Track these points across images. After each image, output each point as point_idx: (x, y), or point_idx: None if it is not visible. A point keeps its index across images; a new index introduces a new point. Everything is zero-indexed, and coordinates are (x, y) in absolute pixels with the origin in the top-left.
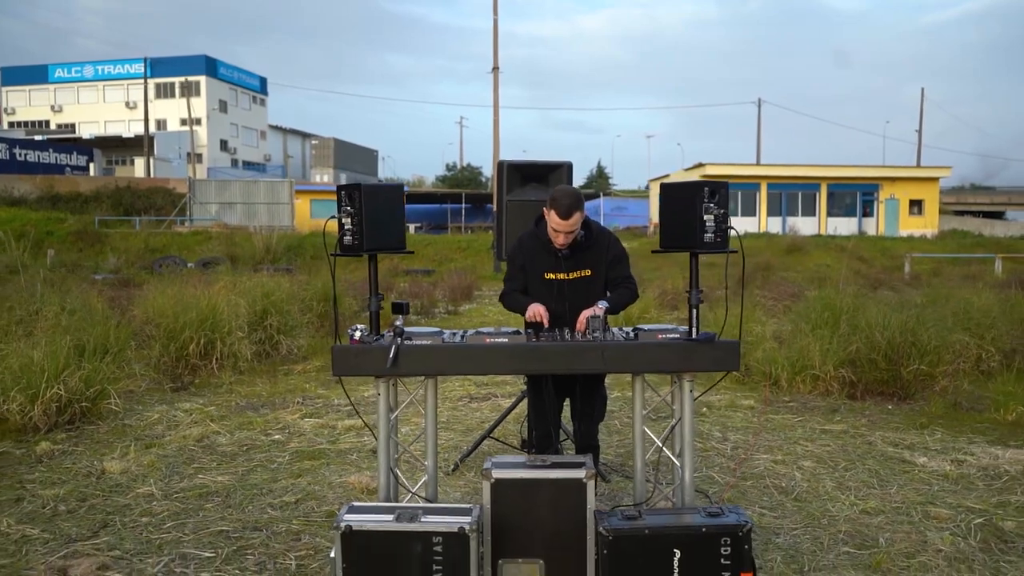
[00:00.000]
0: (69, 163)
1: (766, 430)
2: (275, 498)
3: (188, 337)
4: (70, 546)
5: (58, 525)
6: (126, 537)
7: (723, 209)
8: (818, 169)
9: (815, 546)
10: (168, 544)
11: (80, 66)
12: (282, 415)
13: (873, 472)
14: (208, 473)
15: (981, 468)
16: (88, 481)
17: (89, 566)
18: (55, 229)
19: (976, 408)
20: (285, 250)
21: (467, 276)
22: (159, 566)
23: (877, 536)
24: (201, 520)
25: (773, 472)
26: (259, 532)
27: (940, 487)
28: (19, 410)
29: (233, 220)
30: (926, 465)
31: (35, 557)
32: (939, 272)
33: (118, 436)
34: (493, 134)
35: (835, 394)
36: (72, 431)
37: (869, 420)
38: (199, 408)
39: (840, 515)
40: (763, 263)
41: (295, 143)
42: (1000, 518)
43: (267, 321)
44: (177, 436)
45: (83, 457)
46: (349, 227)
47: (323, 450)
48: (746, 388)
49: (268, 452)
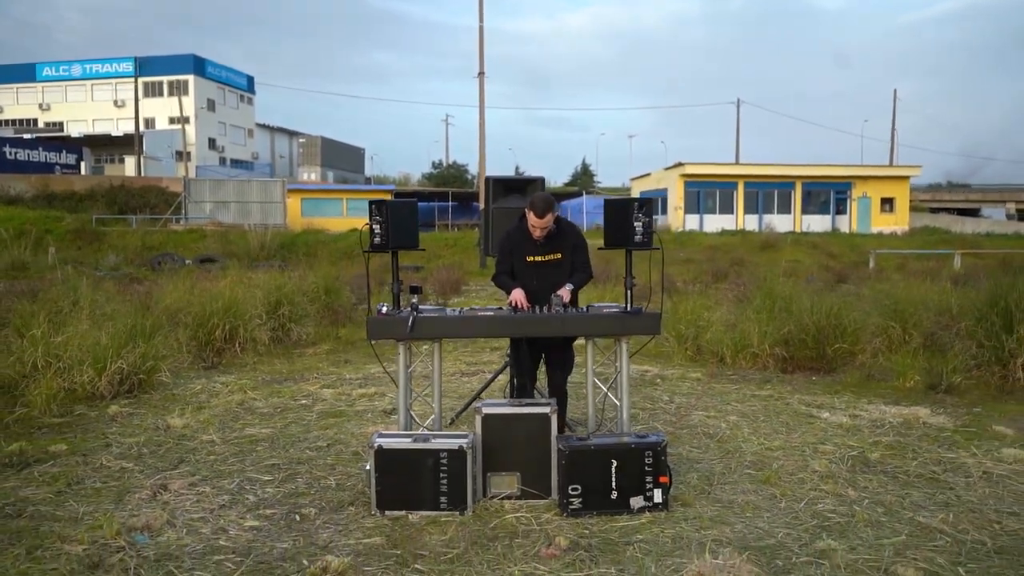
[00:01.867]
0: (59, 162)
1: (707, 395)
2: (310, 444)
3: (215, 324)
4: (160, 474)
5: (145, 461)
6: (201, 468)
7: (649, 218)
8: (793, 168)
9: (725, 469)
10: (234, 472)
11: (68, 64)
12: (304, 386)
13: (784, 423)
14: (253, 427)
15: (871, 420)
16: (158, 433)
17: (182, 483)
18: (53, 227)
19: (885, 378)
20: (278, 247)
21: (455, 271)
22: (233, 484)
23: (772, 463)
24: (255, 457)
25: (704, 423)
26: (302, 465)
27: (833, 433)
28: (88, 381)
29: (227, 218)
30: (828, 419)
31: (136, 480)
32: (903, 267)
33: (171, 401)
34: (479, 137)
35: (770, 368)
36: (131, 399)
37: (793, 388)
38: (233, 381)
39: (749, 451)
40: (737, 259)
41: (282, 141)
42: (870, 451)
43: (280, 310)
44: (221, 401)
45: (148, 416)
46: (378, 231)
47: (343, 411)
48: (696, 364)
49: (298, 413)
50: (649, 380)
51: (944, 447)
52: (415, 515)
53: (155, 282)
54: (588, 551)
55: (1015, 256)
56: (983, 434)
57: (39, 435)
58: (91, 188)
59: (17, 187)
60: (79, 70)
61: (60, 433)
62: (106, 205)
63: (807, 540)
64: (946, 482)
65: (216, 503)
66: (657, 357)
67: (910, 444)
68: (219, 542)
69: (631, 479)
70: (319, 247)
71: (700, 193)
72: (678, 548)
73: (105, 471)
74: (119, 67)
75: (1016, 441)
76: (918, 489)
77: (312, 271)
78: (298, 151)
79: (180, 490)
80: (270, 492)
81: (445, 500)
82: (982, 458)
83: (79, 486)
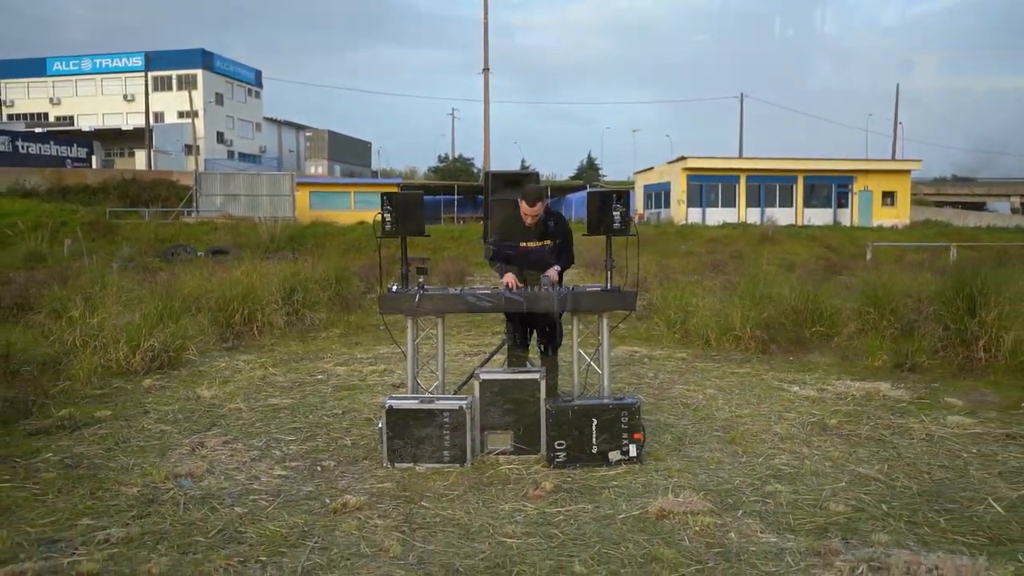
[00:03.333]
0: (69, 155)
1: (689, 372)
2: (327, 412)
3: (234, 308)
4: (195, 434)
5: (181, 425)
6: (231, 430)
7: (626, 208)
8: (795, 162)
9: (696, 431)
10: (261, 433)
11: (78, 59)
12: (319, 364)
13: (756, 395)
14: (275, 397)
15: (836, 394)
16: (190, 402)
17: (217, 441)
18: (68, 220)
19: (857, 359)
20: (288, 239)
21: (460, 263)
22: (261, 443)
23: (739, 427)
24: (279, 422)
25: (684, 395)
26: (321, 428)
27: (799, 404)
28: (123, 358)
29: (237, 211)
30: (796, 392)
31: (175, 439)
32: (901, 259)
33: (199, 376)
34: (484, 133)
35: (751, 350)
36: (162, 373)
37: (770, 366)
38: (254, 359)
39: (720, 417)
40: (736, 251)
41: (289, 135)
42: (829, 418)
43: (294, 297)
44: (244, 376)
45: (179, 389)
46: (388, 219)
47: (356, 385)
48: (683, 346)
49: (315, 386)
50: (637, 360)
51: (896, 415)
52: (421, 467)
53: (171, 272)
54: (569, 493)
55: (1011, 249)
56: (934, 405)
57: (83, 403)
58: (104, 181)
59: (32, 180)
60: (89, 64)
61: (102, 403)
62: (118, 198)
63: (759, 485)
64: (891, 443)
65: (247, 457)
66: (647, 340)
67: (866, 412)
68: (252, 486)
69: (609, 435)
70: (328, 239)
71: (703, 186)
72: (647, 491)
73: (147, 432)
74: (128, 61)
75: (963, 411)
76: (865, 448)
77: (322, 261)
78: (305, 145)
79: (215, 447)
80: (294, 449)
81: (447, 454)
82: (928, 424)
83: (125, 444)
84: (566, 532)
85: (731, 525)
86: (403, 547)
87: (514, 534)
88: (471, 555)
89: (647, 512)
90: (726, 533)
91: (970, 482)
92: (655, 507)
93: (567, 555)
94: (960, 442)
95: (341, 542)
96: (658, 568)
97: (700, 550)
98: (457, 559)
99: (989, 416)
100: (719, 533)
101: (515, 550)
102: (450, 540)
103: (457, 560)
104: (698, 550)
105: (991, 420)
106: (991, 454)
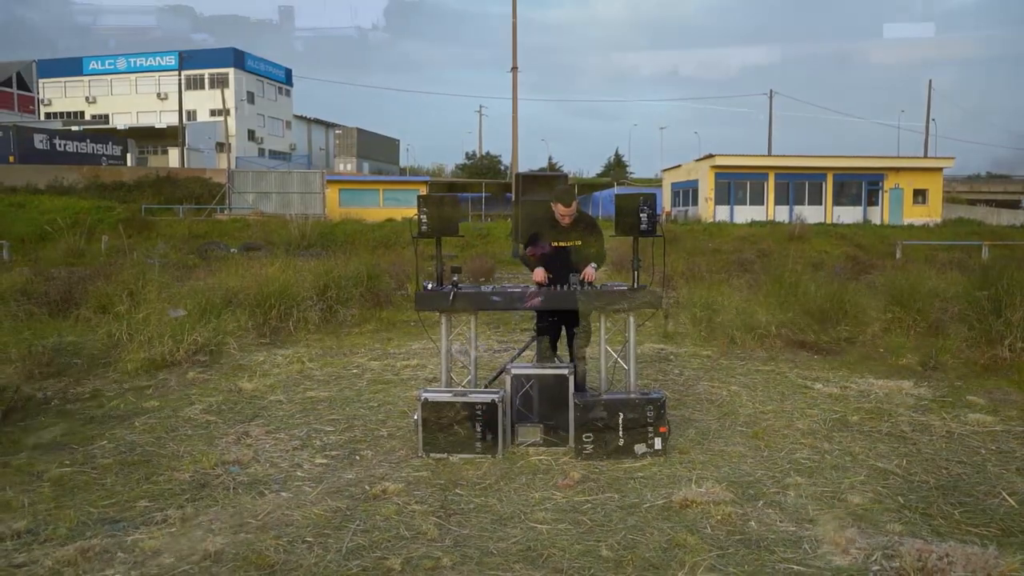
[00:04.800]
0: (105, 153)
1: (713, 369)
2: (363, 404)
3: (271, 305)
4: (240, 424)
5: (225, 415)
6: (273, 421)
7: (652, 210)
8: (824, 160)
9: (720, 427)
10: (302, 424)
11: (113, 59)
12: (353, 359)
13: (779, 392)
14: (313, 390)
15: (859, 391)
16: (232, 394)
17: (260, 431)
18: (105, 217)
19: (882, 358)
20: (318, 236)
21: (487, 260)
22: (302, 433)
23: (763, 423)
24: (318, 414)
25: (708, 391)
26: (358, 420)
27: (822, 401)
28: (168, 351)
29: (269, 208)
30: (820, 390)
31: (220, 429)
32: (932, 258)
33: (240, 369)
34: (512, 131)
35: (776, 348)
36: (204, 367)
37: (794, 364)
38: (291, 354)
39: (744, 413)
40: (764, 250)
41: (319, 133)
42: (851, 415)
43: (328, 293)
44: (283, 370)
45: (222, 381)
46: (425, 221)
47: (390, 379)
48: (709, 344)
49: (351, 380)
50: (663, 357)
51: (918, 412)
52: (455, 457)
53: (208, 268)
54: (596, 483)
55: None
56: (957, 403)
57: (132, 395)
58: (139, 179)
59: (70, 178)
60: (124, 64)
61: (149, 394)
62: (153, 195)
63: (780, 478)
64: (911, 439)
65: (290, 446)
66: (673, 337)
67: (888, 410)
68: (296, 473)
69: (635, 429)
70: (357, 236)
71: (731, 184)
72: (671, 482)
73: (194, 422)
74: (162, 60)
75: (984, 408)
76: (885, 444)
77: (354, 259)
78: (334, 142)
79: (259, 436)
80: (333, 439)
81: (479, 445)
82: (949, 421)
83: (174, 433)
84: (593, 519)
85: (751, 514)
86: (440, 531)
87: (544, 520)
88: (504, 539)
89: (671, 501)
90: (747, 522)
91: (986, 477)
92: (679, 497)
93: (594, 540)
94: (979, 439)
95: (382, 525)
96: (681, 553)
97: (721, 537)
98: (491, 542)
99: (1011, 414)
100: (740, 522)
101: (545, 535)
102: (484, 525)
103: (491, 543)
104: (719, 537)
105: (1012, 418)
106: (1009, 451)
